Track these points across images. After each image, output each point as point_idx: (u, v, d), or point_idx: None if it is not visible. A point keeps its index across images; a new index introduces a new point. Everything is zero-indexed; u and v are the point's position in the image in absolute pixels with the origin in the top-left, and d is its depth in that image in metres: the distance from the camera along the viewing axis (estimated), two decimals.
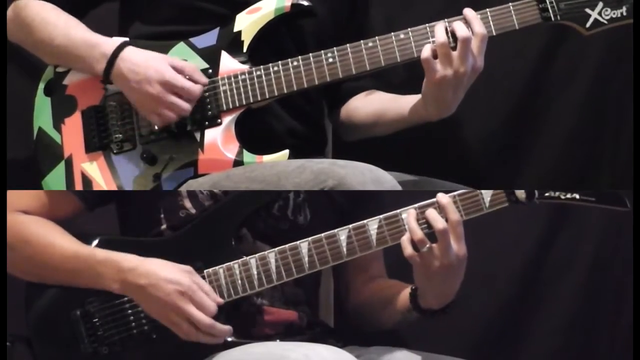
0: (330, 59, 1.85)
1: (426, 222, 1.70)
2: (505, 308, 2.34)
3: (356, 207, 1.86)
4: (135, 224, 1.87)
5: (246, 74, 1.87)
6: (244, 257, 1.75)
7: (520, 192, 1.73)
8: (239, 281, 1.74)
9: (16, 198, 1.83)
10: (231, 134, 1.87)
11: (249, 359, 1.68)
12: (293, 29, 1.93)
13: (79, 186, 1.89)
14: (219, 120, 1.87)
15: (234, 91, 1.87)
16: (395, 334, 1.93)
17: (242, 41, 1.89)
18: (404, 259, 1.70)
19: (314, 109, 2.02)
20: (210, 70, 1.88)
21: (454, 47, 1.78)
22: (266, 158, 1.85)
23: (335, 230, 1.73)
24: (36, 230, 1.79)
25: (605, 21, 1.83)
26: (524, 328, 2.33)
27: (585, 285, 2.34)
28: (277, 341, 1.76)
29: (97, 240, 1.78)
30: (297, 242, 1.74)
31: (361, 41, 1.85)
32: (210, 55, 1.89)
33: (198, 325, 1.69)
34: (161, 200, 1.83)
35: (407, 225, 1.71)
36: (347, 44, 1.85)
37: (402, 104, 1.93)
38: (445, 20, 1.82)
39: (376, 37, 1.84)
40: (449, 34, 1.80)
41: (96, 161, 1.90)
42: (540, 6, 1.83)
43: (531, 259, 2.34)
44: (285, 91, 1.86)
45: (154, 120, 1.85)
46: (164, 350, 1.73)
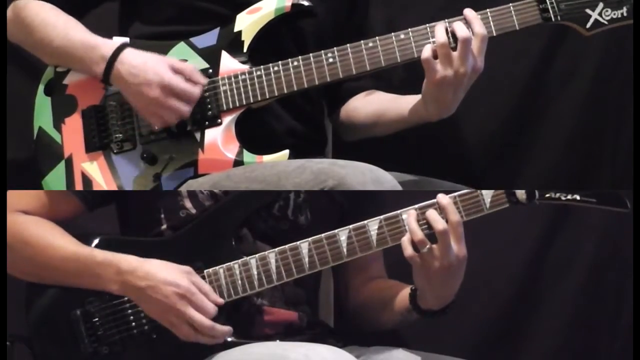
0: (330, 59, 1.85)
1: (426, 223, 1.70)
2: (505, 308, 2.33)
3: (356, 207, 1.86)
4: (136, 224, 1.87)
5: (246, 74, 1.86)
6: (244, 257, 1.75)
7: (520, 193, 1.73)
8: (239, 281, 1.74)
9: (16, 198, 1.83)
10: (231, 134, 1.87)
11: (248, 359, 1.68)
12: (293, 29, 1.93)
13: (79, 186, 1.88)
14: (219, 120, 1.87)
15: (234, 91, 1.87)
16: (395, 334, 1.93)
17: (243, 41, 1.89)
18: (403, 259, 1.70)
19: (314, 109, 2.02)
20: (210, 70, 1.88)
21: (454, 48, 1.78)
22: (266, 158, 1.84)
23: (336, 230, 1.73)
24: (36, 230, 1.79)
25: (605, 22, 1.83)
26: (524, 328, 2.33)
27: (585, 285, 2.33)
28: (277, 341, 1.76)
29: (97, 240, 1.78)
30: (298, 242, 1.74)
31: (361, 41, 1.85)
32: (211, 55, 1.88)
33: (197, 327, 1.69)
34: (161, 200, 1.83)
35: (407, 226, 1.71)
36: (348, 44, 1.85)
37: (402, 104, 1.93)
38: (446, 20, 1.81)
39: (376, 37, 1.84)
40: (449, 34, 1.80)
41: (96, 161, 1.90)
42: (541, 7, 1.83)
43: (531, 259, 2.34)
44: (286, 91, 1.86)
45: (154, 122, 1.85)
46: (164, 350, 1.73)
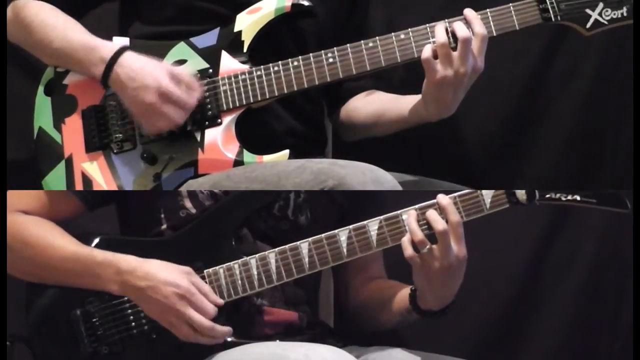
0: (330, 59, 1.85)
1: (426, 223, 1.70)
2: (505, 308, 2.34)
3: (356, 207, 1.86)
4: (136, 223, 1.87)
5: (246, 74, 1.86)
6: (244, 257, 1.75)
7: (520, 193, 1.73)
8: (239, 281, 1.74)
9: (16, 198, 1.83)
10: (231, 134, 1.87)
11: (248, 359, 1.68)
12: (293, 29, 1.93)
13: (79, 186, 1.88)
14: (219, 120, 1.87)
15: (234, 91, 1.87)
16: (394, 334, 1.93)
17: (243, 41, 1.88)
18: (403, 259, 1.70)
19: (314, 109, 2.02)
20: (210, 70, 1.88)
21: (455, 48, 1.78)
22: (266, 158, 1.84)
23: (336, 230, 1.73)
24: (36, 230, 1.79)
25: (605, 22, 1.83)
26: (524, 328, 2.33)
27: (585, 285, 2.34)
28: (277, 341, 1.76)
29: (97, 240, 1.78)
30: (298, 242, 1.74)
31: (361, 41, 1.84)
32: (211, 55, 1.88)
33: (197, 327, 1.69)
34: (161, 200, 1.83)
35: (407, 226, 1.71)
36: (348, 44, 1.84)
37: (402, 104, 1.93)
38: (446, 20, 1.81)
39: (376, 37, 1.84)
40: (449, 34, 1.79)
41: (96, 161, 1.89)
42: (541, 7, 1.83)
43: (531, 259, 2.34)
44: (286, 91, 1.86)
45: (147, 127, 1.84)
46: (164, 350, 1.73)
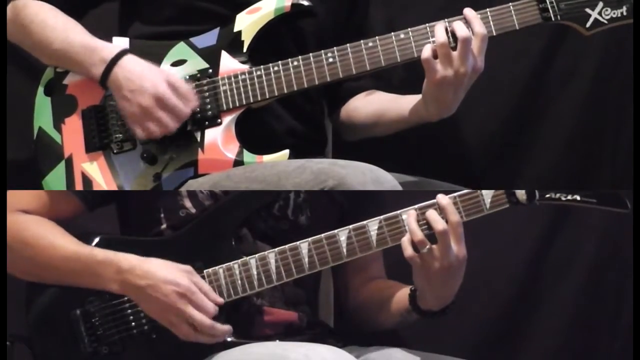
0: (330, 59, 1.85)
1: (426, 223, 1.70)
2: (505, 308, 2.34)
3: (356, 207, 1.86)
4: (136, 223, 1.87)
5: (246, 74, 1.86)
6: (244, 257, 1.75)
7: (520, 193, 1.73)
8: (239, 281, 1.74)
9: (16, 198, 1.83)
10: (231, 134, 1.87)
11: (248, 359, 1.67)
12: (293, 28, 1.93)
13: (79, 186, 1.88)
14: (219, 120, 1.87)
15: (234, 91, 1.87)
16: (394, 334, 1.93)
17: (242, 41, 1.88)
18: (403, 259, 1.70)
19: (314, 108, 2.02)
20: (210, 70, 1.88)
21: (454, 47, 1.78)
22: (266, 158, 1.84)
23: (336, 230, 1.73)
24: (36, 230, 1.79)
25: (605, 21, 1.82)
26: (524, 328, 2.33)
27: (585, 285, 2.34)
28: (277, 341, 1.76)
29: (97, 240, 1.78)
30: (297, 242, 1.74)
31: (361, 41, 1.84)
32: (211, 55, 1.88)
33: (197, 326, 1.69)
34: (161, 200, 1.83)
35: (407, 226, 1.71)
36: (347, 44, 1.84)
37: (403, 104, 1.92)
38: (445, 20, 1.81)
39: (376, 37, 1.84)
40: (449, 34, 1.79)
41: (96, 161, 1.89)
42: (541, 6, 1.82)
43: (531, 259, 2.34)
44: (286, 91, 1.86)
45: (138, 132, 1.83)
46: (164, 350, 1.73)
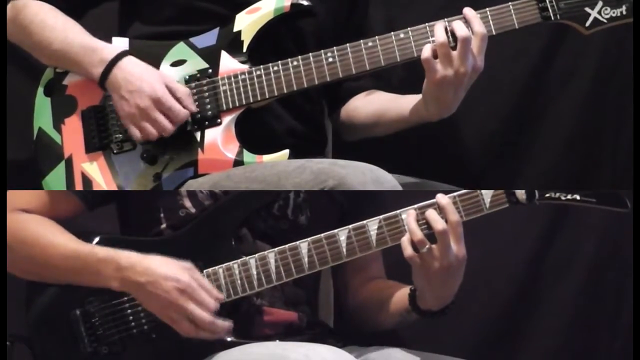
0: (330, 59, 1.85)
1: (426, 223, 1.70)
2: (505, 308, 2.34)
3: (356, 207, 1.86)
4: (135, 223, 1.87)
5: (246, 74, 1.86)
6: (244, 257, 1.75)
7: (520, 193, 1.73)
8: (239, 281, 1.74)
9: (16, 197, 1.82)
10: (231, 134, 1.87)
11: (248, 359, 1.67)
12: (293, 28, 1.93)
13: (79, 186, 1.88)
14: (219, 120, 1.87)
15: (234, 91, 1.87)
16: (394, 334, 1.93)
17: (242, 41, 1.88)
18: (403, 259, 1.70)
19: (314, 108, 2.02)
20: (210, 70, 1.88)
21: (454, 47, 1.78)
22: (266, 158, 1.84)
23: (335, 230, 1.73)
24: (36, 229, 1.79)
25: (604, 20, 1.82)
26: (523, 328, 2.33)
27: (585, 285, 2.34)
28: (277, 341, 1.76)
29: (97, 239, 1.78)
30: (297, 242, 1.74)
31: (361, 41, 1.84)
32: (210, 55, 1.88)
33: (198, 322, 1.69)
34: (161, 200, 1.83)
35: (407, 226, 1.71)
36: (347, 44, 1.84)
37: (403, 104, 1.92)
38: (445, 19, 1.81)
39: (376, 37, 1.84)
40: (448, 33, 1.79)
41: (96, 161, 1.89)
42: (540, 5, 1.82)
43: (531, 259, 2.34)
44: (285, 91, 1.86)
45: (134, 133, 1.83)
46: (164, 349, 1.73)
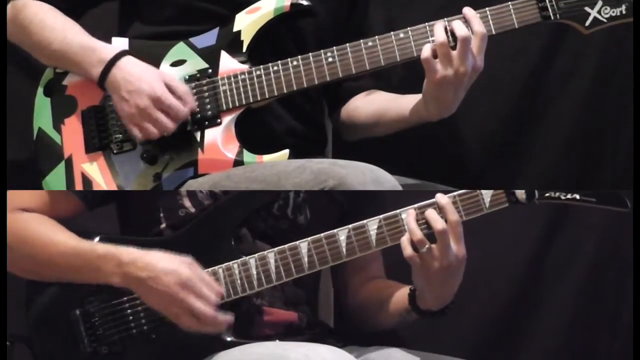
0: (329, 59, 1.85)
1: (426, 223, 1.70)
2: (505, 308, 2.34)
3: (356, 207, 1.86)
4: (135, 223, 1.87)
5: (246, 74, 1.86)
6: (244, 257, 1.75)
7: (520, 193, 1.73)
8: (238, 281, 1.74)
9: (16, 197, 1.82)
10: (231, 134, 1.87)
11: (248, 359, 1.67)
12: (292, 28, 1.93)
13: (79, 186, 1.88)
14: (218, 120, 1.87)
15: (234, 91, 1.87)
16: (394, 334, 1.92)
17: (242, 41, 1.88)
18: (402, 259, 1.70)
19: (314, 108, 2.02)
20: (209, 70, 1.88)
21: (454, 47, 1.78)
22: (266, 158, 1.84)
23: (335, 230, 1.73)
24: (36, 227, 1.79)
25: (604, 19, 1.82)
26: (524, 328, 2.33)
27: (585, 284, 2.34)
28: (277, 341, 1.76)
29: (97, 239, 1.77)
30: (297, 242, 1.74)
31: (361, 41, 1.84)
32: (210, 55, 1.88)
33: (199, 316, 1.68)
34: (161, 199, 1.83)
35: (406, 226, 1.71)
36: (347, 44, 1.84)
37: (403, 104, 1.92)
38: (445, 19, 1.81)
39: (376, 37, 1.84)
40: (448, 33, 1.79)
41: (96, 161, 1.89)
42: (540, 5, 1.82)
43: (531, 259, 2.34)
44: (285, 91, 1.86)
45: (135, 133, 1.83)
46: (164, 350, 1.73)
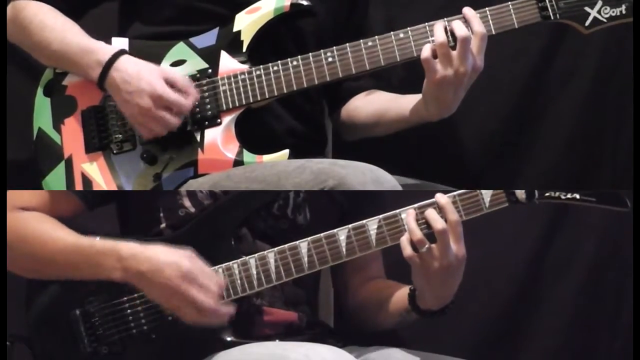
0: (329, 59, 1.85)
1: (426, 223, 1.70)
2: (505, 308, 2.34)
3: (356, 207, 1.86)
4: (135, 223, 1.87)
5: (246, 74, 1.86)
6: (244, 256, 1.75)
7: (520, 192, 1.73)
8: (238, 281, 1.74)
9: (16, 198, 1.82)
10: (231, 134, 1.87)
11: (248, 359, 1.67)
12: (292, 28, 1.93)
13: (79, 186, 1.88)
14: (218, 120, 1.87)
15: (234, 91, 1.87)
16: (394, 334, 1.92)
17: (242, 41, 1.88)
18: (402, 259, 1.70)
19: (314, 108, 2.02)
20: (209, 70, 1.88)
21: (454, 47, 1.78)
22: (266, 158, 1.84)
23: (335, 230, 1.73)
24: (36, 226, 1.78)
25: (604, 19, 1.82)
26: (524, 328, 2.33)
27: (585, 284, 2.33)
28: (277, 341, 1.76)
29: (98, 239, 1.77)
30: (297, 242, 1.74)
31: (361, 41, 1.84)
32: (210, 55, 1.88)
33: (201, 307, 1.68)
34: (161, 199, 1.83)
35: (406, 226, 1.71)
36: (347, 44, 1.85)
37: (403, 104, 1.92)
38: (445, 19, 1.81)
39: (376, 37, 1.84)
40: (448, 33, 1.79)
41: (96, 161, 1.89)
42: (540, 5, 1.82)
43: (531, 258, 2.34)
44: (285, 91, 1.86)
45: (142, 132, 1.84)
46: (164, 349, 1.73)
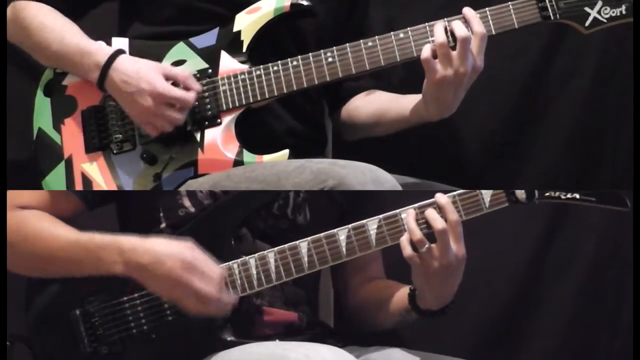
0: (329, 59, 1.85)
1: (425, 222, 1.70)
2: (505, 307, 2.34)
3: (356, 207, 1.86)
4: (135, 223, 1.86)
5: (246, 74, 1.86)
6: (243, 256, 1.75)
7: (520, 192, 1.73)
8: (238, 281, 1.74)
9: (16, 197, 1.82)
10: (231, 134, 1.87)
11: (248, 358, 1.67)
12: (293, 28, 1.93)
13: (79, 186, 1.88)
14: (218, 120, 1.87)
15: (234, 91, 1.87)
16: (394, 334, 1.93)
17: (242, 41, 1.88)
18: (402, 259, 1.70)
19: (314, 108, 2.02)
20: (209, 70, 1.88)
21: (454, 47, 1.78)
22: (266, 158, 1.84)
23: (335, 230, 1.73)
24: (37, 224, 1.78)
25: (604, 20, 1.82)
26: (524, 328, 2.33)
27: (585, 284, 2.33)
28: (277, 341, 1.76)
29: (97, 234, 1.77)
30: (297, 241, 1.73)
31: (361, 41, 1.84)
32: (210, 55, 1.88)
33: (204, 296, 1.67)
34: (160, 199, 1.83)
35: (406, 226, 1.71)
36: (347, 44, 1.85)
37: (403, 104, 1.93)
38: (445, 19, 1.81)
39: (376, 37, 1.84)
40: (448, 33, 1.79)
41: (96, 161, 1.89)
42: (540, 5, 1.82)
43: (531, 258, 2.34)
44: (285, 91, 1.86)
45: (149, 130, 1.85)
46: (164, 349, 1.73)
